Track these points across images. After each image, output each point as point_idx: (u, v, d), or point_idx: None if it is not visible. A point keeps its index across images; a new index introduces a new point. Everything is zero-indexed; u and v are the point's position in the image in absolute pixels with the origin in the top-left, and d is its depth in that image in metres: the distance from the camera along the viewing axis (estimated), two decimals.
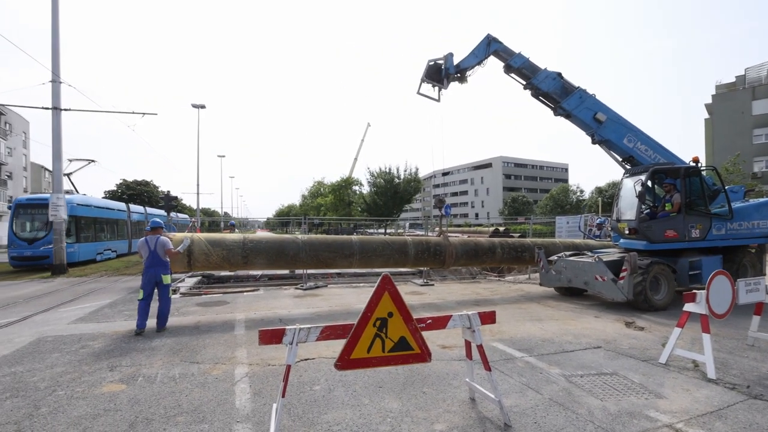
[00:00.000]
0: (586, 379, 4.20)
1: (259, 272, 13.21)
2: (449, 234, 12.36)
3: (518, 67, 9.62)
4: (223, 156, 59.92)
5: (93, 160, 20.34)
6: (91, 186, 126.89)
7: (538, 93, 9.72)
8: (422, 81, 10.30)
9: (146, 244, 6.24)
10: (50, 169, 18.38)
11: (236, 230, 18.76)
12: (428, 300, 8.92)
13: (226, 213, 71.11)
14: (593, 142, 9.57)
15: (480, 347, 3.26)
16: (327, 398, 3.74)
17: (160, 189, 53.32)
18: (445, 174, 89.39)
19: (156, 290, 6.26)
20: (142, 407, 3.58)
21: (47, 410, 3.54)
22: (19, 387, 4.09)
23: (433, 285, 11.30)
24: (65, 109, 15.25)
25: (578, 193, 59.91)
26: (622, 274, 7.35)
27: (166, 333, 6.11)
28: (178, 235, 7.55)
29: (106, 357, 5.02)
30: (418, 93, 10.53)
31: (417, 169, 40.07)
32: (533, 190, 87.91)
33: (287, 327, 2.65)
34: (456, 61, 9.91)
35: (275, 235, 10.71)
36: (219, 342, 5.62)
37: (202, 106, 33.60)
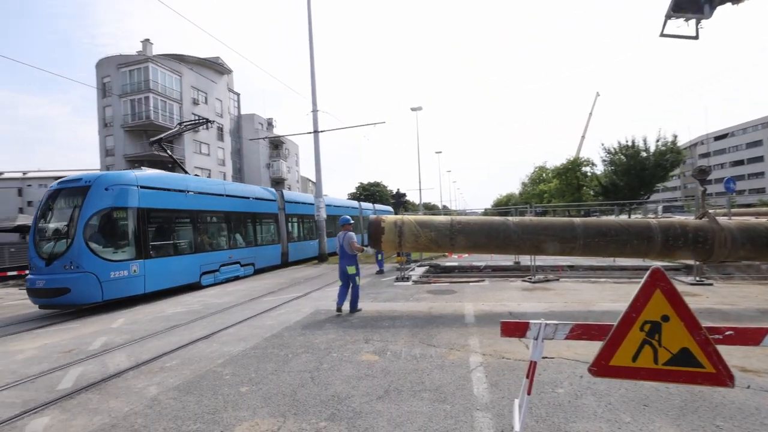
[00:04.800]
0: None
1: (482, 263, 13.47)
2: (719, 216, 9.29)
3: None
4: (440, 152, 64.52)
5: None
6: (336, 190, 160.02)
7: None
8: (667, 17, 7.97)
9: (338, 239, 7.54)
10: (313, 179, 23.95)
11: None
12: (706, 304, 6.94)
13: (444, 206, 76.10)
14: None
15: None
16: (574, 405, 3.39)
17: (388, 188, 62.03)
18: (719, 138, 68.18)
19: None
20: (392, 378, 4.17)
21: (327, 366, 4.59)
22: (309, 345, 5.48)
23: (711, 285, 8.75)
24: (321, 131, 19.71)
25: None
26: None
27: (404, 317, 6.98)
28: (390, 217, 8.23)
29: (362, 331, 6.13)
30: (662, 35, 8.24)
31: (675, 137, 31.89)
32: None
33: (531, 321, 2.50)
34: None
35: (484, 217, 10.47)
36: (451, 329, 5.98)
37: (419, 108, 37.15)
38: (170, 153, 14.79)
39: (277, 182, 52.05)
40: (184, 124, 16.14)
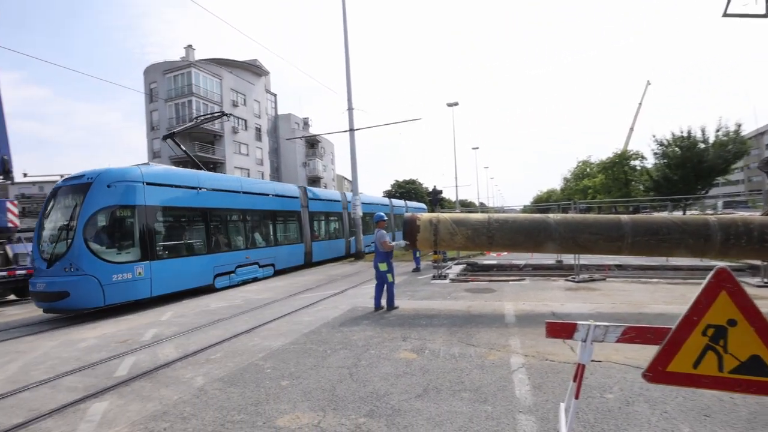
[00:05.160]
0: None
1: (522, 261, 13.11)
2: None
3: None
4: (477, 148, 63.33)
5: None
6: (372, 188, 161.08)
7: None
8: None
9: (374, 236, 7.75)
10: (348, 177, 24.16)
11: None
12: None
13: (481, 203, 74.77)
14: None
15: None
16: (625, 412, 3.23)
17: (424, 186, 61.66)
18: None
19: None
20: (431, 376, 4.14)
21: (365, 363, 4.63)
22: (347, 342, 5.55)
23: None
24: (357, 129, 19.88)
25: None
26: None
27: (442, 315, 6.92)
28: (425, 215, 8.14)
29: (399, 328, 6.14)
30: (725, 15, 7.65)
31: (739, 126, 29.45)
32: None
33: (579, 322, 2.40)
34: None
35: (523, 215, 10.13)
36: (491, 328, 5.86)
37: (456, 104, 36.68)
38: (184, 148, 13.96)
39: (313, 181, 53.10)
40: (201, 117, 15.67)
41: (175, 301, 9.89)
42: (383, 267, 7.50)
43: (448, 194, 74.92)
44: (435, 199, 13.97)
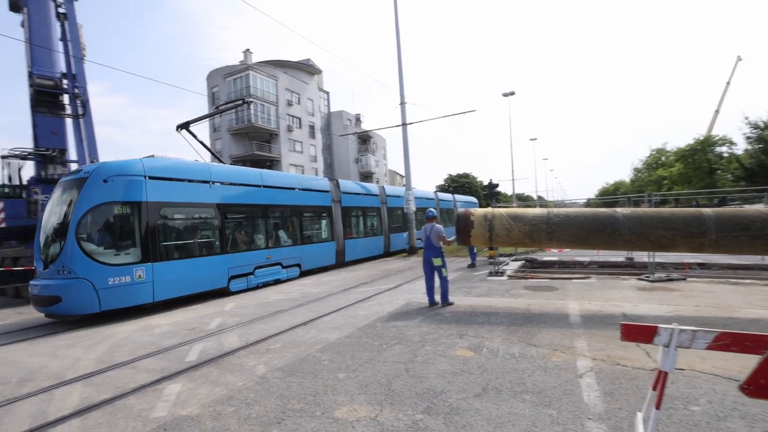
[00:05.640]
0: None
1: (586, 258, 12.36)
2: None
3: None
4: (535, 139, 60.59)
5: None
6: (424, 182, 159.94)
7: None
8: None
9: (424, 231, 7.67)
10: (400, 172, 24.02)
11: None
12: None
13: (540, 197, 71.57)
14: None
15: None
16: (715, 427, 2.91)
17: (478, 179, 60.16)
18: None
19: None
20: (490, 376, 4.01)
21: (421, 359, 4.60)
22: (402, 337, 5.55)
23: None
24: (409, 123, 19.78)
25: None
26: None
27: (500, 313, 6.70)
28: (479, 210, 7.93)
29: (455, 325, 6.03)
30: None
31: None
32: None
33: (661, 326, 2.19)
34: None
35: (586, 209, 9.46)
36: (554, 328, 5.58)
37: (511, 93, 35.26)
38: (196, 137, 12.64)
39: (366, 176, 53.80)
40: (221, 106, 14.29)
41: (235, 294, 10.49)
42: (437, 262, 7.47)
43: (505, 188, 72.51)
44: (491, 193, 13.53)
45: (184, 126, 12.32)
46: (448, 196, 29.21)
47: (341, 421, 3.27)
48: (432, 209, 8.15)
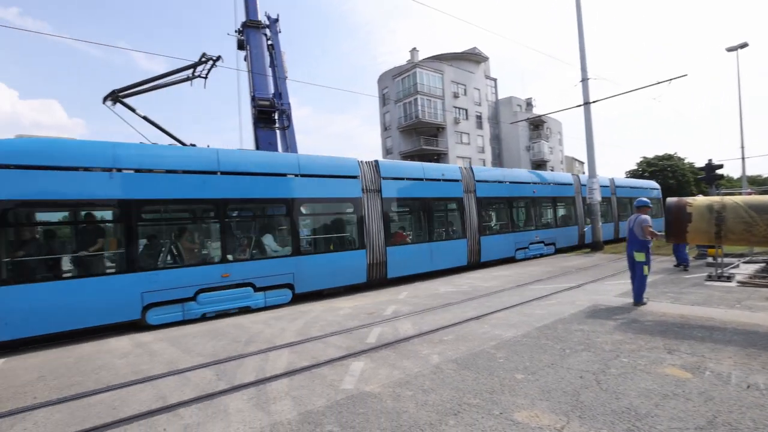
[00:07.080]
0: None
1: None
2: None
3: None
4: None
5: None
6: (609, 167, 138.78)
7: None
8: None
9: (628, 222, 6.97)
10: (578, 159, 21.37)
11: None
12: None
13: None
14: None
15: None
16: None
17: (685, 161, 48.96)
18: None
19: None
20: (719, 407, 3.20)
21: (616, 372, 3.99)
22: (589, 343, 4.93)
23: None
24: (593, 102, 17.48)
25: None
26: None
27: (728, 329, 5.32)
28: (699, 198, 6.68)
29: (660, 337, 5.05)
30: None
31: None
32: None
33: None
34: None
35: None
36: None
37: (743, 46, 27.21)
38: (135, 110, 9.41)
39: (539, 165, 50.18)
40: (165, 74, 10.37)
41: (407, 283, 11.13)
42: (640, 257, 6.63)
43: (730, 170, 57.16)
44: (711, 176, 10.73)
45: (112, 96, 9.25)
46: (627, 181, 23.54)
47: (522, 426, 3.08)
48: (644, 199, 7.15)
